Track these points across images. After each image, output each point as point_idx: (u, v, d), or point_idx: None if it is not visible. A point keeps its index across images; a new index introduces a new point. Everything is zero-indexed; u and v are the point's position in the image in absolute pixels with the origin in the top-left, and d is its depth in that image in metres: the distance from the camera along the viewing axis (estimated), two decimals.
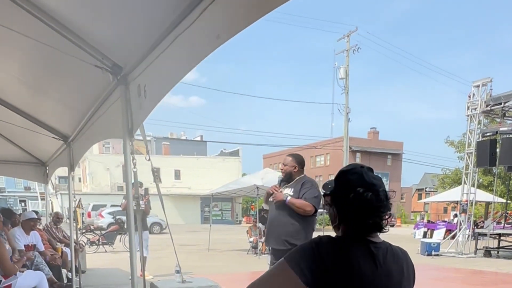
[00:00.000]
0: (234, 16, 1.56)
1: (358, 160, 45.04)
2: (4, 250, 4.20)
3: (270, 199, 4.29)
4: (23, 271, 4.59)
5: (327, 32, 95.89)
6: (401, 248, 1.54)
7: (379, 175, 1.55)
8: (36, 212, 7.47)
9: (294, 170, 4.25)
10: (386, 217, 1.42)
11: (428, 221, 24.75)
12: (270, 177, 13.00)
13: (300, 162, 4.29)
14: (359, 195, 1.37)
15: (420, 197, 50.41)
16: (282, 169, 4.35)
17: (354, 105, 53.73)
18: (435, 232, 19.54)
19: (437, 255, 13.11)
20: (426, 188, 54.37)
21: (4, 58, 3.12)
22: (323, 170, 46.67)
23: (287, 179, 4.28)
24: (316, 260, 1.36)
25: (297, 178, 4.23)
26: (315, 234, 1.89)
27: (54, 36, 2.29)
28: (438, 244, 13.66)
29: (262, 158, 58.85)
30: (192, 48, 1.86)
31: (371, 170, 1.49)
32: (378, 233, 1.46)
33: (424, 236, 19.88)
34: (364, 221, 1.39)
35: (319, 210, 4.34)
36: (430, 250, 13.18)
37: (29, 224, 5.99)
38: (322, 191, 1.59)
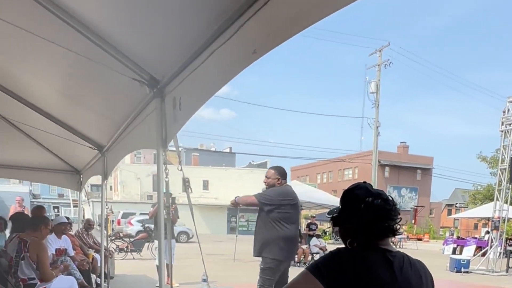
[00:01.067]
0: (271, 32, 1.57)
1: (387, 174, 44.20)
2: (46, 255, 4.32)
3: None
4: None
5: (358, 47, 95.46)
6: (418, 259, 1.60)
7: (408, 190, 1.66)
8: (67, 218, 7.69)
9: (278, 182, 4.45)
10: (398, 220, 1.53)
11: (458, 237, 23.93)
12: (298, 189, 12.95)
13: (282, 174, 4.50)
14: (370, 204, 1.49)
15: (450, 213, 48.94)
16: (265, 182, 4.52)
17: (384, 119, 53.07)
18: (465, 249, 18.92)
19: (467, 272, 12.70)
20: (456, 203, 52.77)
21: (47, 71, 3.24)
22: (350, 183, 45.24)
23: None
24: (336, 268, 1.45)
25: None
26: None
27: (95, 50, 2.36)
28: (468, 261, 13.24)
29: (290, 171, 58.78)
30: (228, 62, 1.88)
31: (371, 186, 1.61)
32: (394, 240, 1.55)
33: (454, 252, 19.28)
34: (379, 226, 1.49)
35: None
36: (460, 266, 12.77)
37: (61, 228, 6.14)
38: (328, 216, 1.70)
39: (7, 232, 7.40)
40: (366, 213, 1.49)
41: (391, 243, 1.57)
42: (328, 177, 53.75)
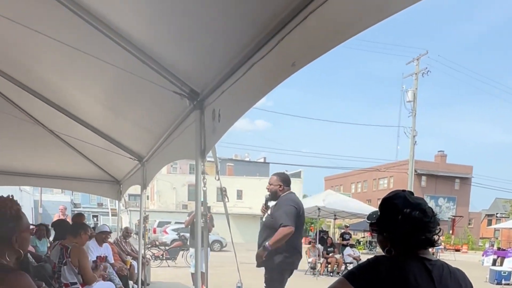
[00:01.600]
0: (311, 44, 1.59)
1: (423, 183, 42.92)
2: (87, 260, 4.46)
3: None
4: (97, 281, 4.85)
5: (394, 55, 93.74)
6: (458, 268, 1.55)
7: (445, 199, 1.61)
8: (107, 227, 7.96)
9: (280, 189, 4.36)
10: (437, 231, 1.49)
11: (499, 248, 22.78)
12: (332, 198, 12.81)
13: (284, 180, 4.42)
14: (408, 215, 1.45)
15: (490, 223, 46.76)
16: (268, 188, 4.45)
17: (421, 128, 51.80)
18: (506, 260, 17.96)
19: (508, 284, 12.20)
20: (497, 213, 50.44)
21: (92, 85, 3.39)
22: (386, 193, 44.12)
23: (272, 197, 4.40)
24: (373, 276, 1.42)
25: (281, 195, 4.34)
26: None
27: (137, 65, 2.45)
28: (510, 272, 12.69)
29: (323, 180, 58.14)
30: (267, 75, 1.90)
31: (412, 193, 1.58)
32: (431, 250, 1.52)
33: (494, 263, 18.36)
34: (416, 238, 1.46)
35: None
36: (500, 278, 12.30)
37: (102, 237, 6.34)
38: (367, 222, 1.69)
39: (51, 239, 7.72)
40: (403, 225, 1.46)
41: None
42: (363, 186, 52.75)
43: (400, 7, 1.28)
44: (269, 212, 4.41)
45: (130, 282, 6.81)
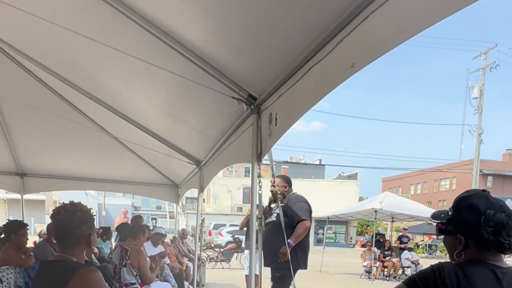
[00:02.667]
0: (371, 45, 1.56)
1: (489, 184, 40.36)
2: (145, 261, 4.67)
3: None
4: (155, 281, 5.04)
5: (461, 51, 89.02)
6: None
7: None
8: (162, 228, 8.25)
9: (285, 190, 4.53)
10: None
11: None
12: (389, 200, 12.42)
13: (288, 181, 4.62)
14: (491, 217, 1.35)
15: None
16: (272, 191, 4.46)
17: (488, 126, 48.73)
18: None
19: None
20: None
21: (155, 93, 3.55)
22: (447, 194, 42.79)
23: (275, 199, 4.43)
24: (436, 285, 1.33)
25: (288, 196, 4.53)
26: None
27: (196, 71, 2.54)
28: None
29: (381, 182, 56.53)
30: (325, 78, 1.89)
31: (490, 195, 1.47)
32: (504, 257, 1.41)
33: None
34: (496, 242, 1.36)
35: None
36: None
37: (157, 238, 6.58)
38: (433, 221, 1.55)
39: (113, 241, 8.14)
40: (485, 227, 1.36)
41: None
42: (423, 188, 50.58)
43: (468, 1, 1.22)
44: (274, 213, 4.52)
45: (186, 283, 7.00)
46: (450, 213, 1.46)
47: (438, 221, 1.50)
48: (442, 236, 1.50)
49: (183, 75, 2.68)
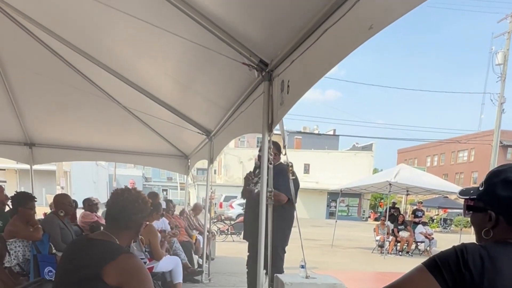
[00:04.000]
0: (391, 4, 1.50)
1: (509, 156, 39.82)
2: (157, 238, 4.74)
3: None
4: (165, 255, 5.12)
5: (485, 13, 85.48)
6: None
7: None
8: (170, 201, 8.33)
9: (274, 158, 4.07)
10: None
11: None
12: (404, 173, 12.32)
13: (278, 148, 4.21)
14: None
15: None
16: (259, 155, 4.13)
17: (511, 95, 47.57)
18: None
19: None
20: None
21: (164, 61, 3.51)
22: (465, 166, 42.46)
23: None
24: (461, 270, 1.24)
25: (276, 164, 4.03)
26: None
27: (208, 37, 2.49)
28: None
29: (396, 153, 56.28)
30: (341, 41, 1.83)
31: None
32: None
33: None
34: None
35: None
36: None
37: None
38: (462, 198, 1.46)
39: None
40: None
41: None
42: (439, 159, 50.20)
43: None
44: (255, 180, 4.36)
45: (195, 256, 7.10)
46: (481, 188, 1.39)
47: (467, 197, 1.42)
48: (470, 214, 1.43)
49: (193, 40, 2.63)
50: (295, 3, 1.95)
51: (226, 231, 14.58)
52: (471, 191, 1.42)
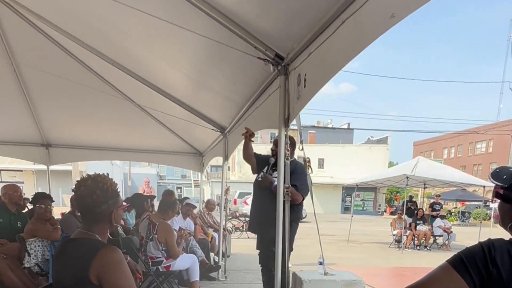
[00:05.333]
0: None
1: None
2: (173, 237, 4.75)
3: (259, 179, 4.07)
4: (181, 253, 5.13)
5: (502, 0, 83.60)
6: None
7: None
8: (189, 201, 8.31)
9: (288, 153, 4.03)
10: None
11: None
12: (421, 166, 12.16)
13: (293, 144, 4.05)
14: None
15: None
16: (273, 150, 4.13)
17: None
18: None
19: None
20: None
21: (178, 56, 3.49)
22: (483, 158, 41.79)
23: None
24: (488, 268, 1.18)
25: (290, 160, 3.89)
26: None
27: (222, 31, 2.45)
28: None
29: (412, 146, 55.75)
30: (361, 31, 1.78)
31: None
32: None
33: None
34: None
35: None
36: None
37: (187, 209, 6.62)
38: (493, 181, 1.34)
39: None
40: None
41: None
42: (457, 151, 49.49)
43: None
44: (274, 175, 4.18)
45: (212, 254, 7.11)
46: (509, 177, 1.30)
47: (499, 184, 1.32)
48: (497, 201, 1.34)
49: (207, 35, 2.60)
50: None
51: (241, 228, 14.62)
52: (504, 176, 1.31)
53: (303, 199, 4.15)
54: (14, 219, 4.66)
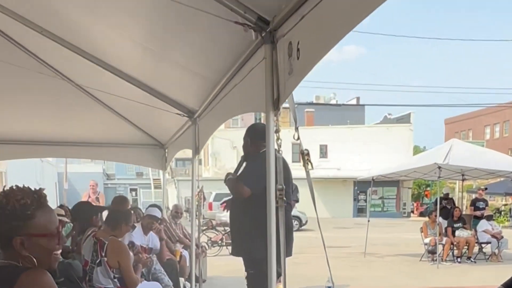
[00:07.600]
0: None
1: None
2: (129, 259, 4.73)
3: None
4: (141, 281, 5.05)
5: None
6: None
7: None
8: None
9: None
10: None
11: None
12: (457, 151, 12.27)
13: (261, 134, 4.19)
14: None
15: None
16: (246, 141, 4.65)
17: None
18: None
19: None
20: None
21: (129, 22, 3.52)
22: None
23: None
24: None
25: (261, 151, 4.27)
26: None
27: None
28: None
29: (443, 124, 56.44)
30: None
31: None
32: None
33: None
34: None
35: None
36: None
37: (149, 222, 6.67)
38: None
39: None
40: None
41: None
42: (502, 129, 50.38)
43: None
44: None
45: (181, 280, 7.12)
46: None
47: None
48: None
49: None
50: None
51: (219, 242, 14.61)
52: None
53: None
54: None
